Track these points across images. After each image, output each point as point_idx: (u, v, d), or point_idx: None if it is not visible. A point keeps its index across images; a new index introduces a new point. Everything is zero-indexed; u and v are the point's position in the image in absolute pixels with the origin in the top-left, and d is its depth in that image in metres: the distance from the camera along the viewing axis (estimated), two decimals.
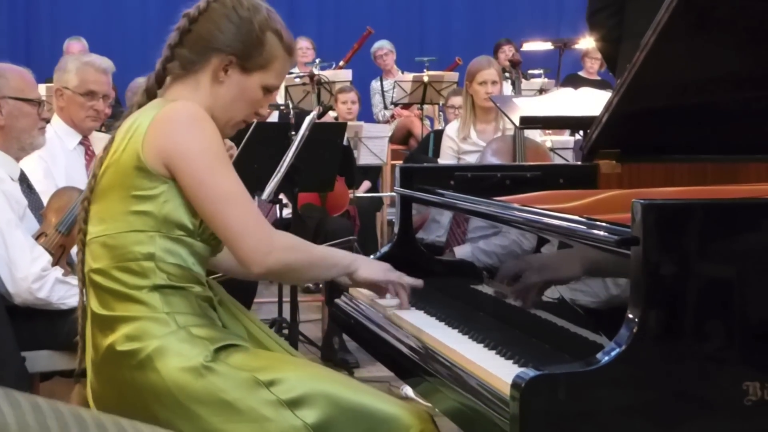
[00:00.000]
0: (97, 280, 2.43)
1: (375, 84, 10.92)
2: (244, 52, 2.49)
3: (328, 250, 2.77)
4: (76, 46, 10.07)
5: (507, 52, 10.26)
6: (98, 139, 4.45)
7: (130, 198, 2.39)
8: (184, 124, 2.39)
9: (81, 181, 4.16)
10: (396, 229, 3.18)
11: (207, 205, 2.37)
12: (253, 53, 2.50)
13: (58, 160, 4.32)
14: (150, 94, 2.54)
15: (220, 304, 2.54)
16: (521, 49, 9.98)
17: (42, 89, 7.24)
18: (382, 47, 11.12)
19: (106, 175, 2.43)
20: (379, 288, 2.72)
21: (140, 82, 5.95)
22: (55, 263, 3.70)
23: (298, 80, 8.77)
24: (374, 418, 2.31)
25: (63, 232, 3.79)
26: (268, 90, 2.56)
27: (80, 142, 4.41)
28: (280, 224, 5.68)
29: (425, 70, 9.79)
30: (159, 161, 2.36)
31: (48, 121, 3.98)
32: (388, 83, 10.70)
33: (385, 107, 10.54)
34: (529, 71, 9.94)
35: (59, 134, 4.37)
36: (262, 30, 2.51)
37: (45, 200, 3.93)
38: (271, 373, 2.31)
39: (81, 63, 4.40)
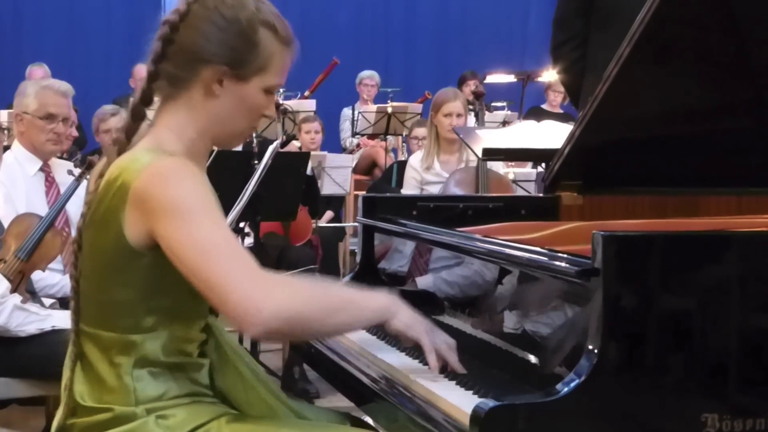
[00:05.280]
0: (84, 346, 2.24)
1: (347, 111, 10.93)
2: (237, 59, 2.20)
3: (354, 290, 2.29)
4: (38, 72, 10.02)
5: (471, 85, 10.30)
6: (58, 166, 4.43)
7: (109, 266, 2.18)
8: (162, 184, 2.09)
9: (41, 208, 4.14)
10: (358, 259, 3.17)
11: (186, 264, 2.06)
12: (246, 58, 2.20)
13: (18, 185, 4.29)
14: (136, 115, 2.24)
15: (216, 349, 2.31)
16: (485, 81, 10.03)
17: (3, 115, 7.25)
18: (372, 77, 11.15)
19: (90, 229, 2.20)
20: (406, 339, 2.30)
21: (107, 109, 5.97)
22: (13, 290, 3.67)
23: None
24: None
25: (22, 258, 3.76)
26: (270, 91, 2.27)
27: (41, 168, 4.37)
28: None
29: (389, 101, 9.81)
30: (141, 231, 2.11)
31: (8, 147, 3.95)
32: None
33: (353, 135, 10.55)
34: (493, 103, 9.98)
35: (19, 160, 4.34)
36: (253, 28, 2.21)
37: (5, 225, 3.89)
38: None
39: (40, 87, 4.39)
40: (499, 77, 10.32)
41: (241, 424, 2.24)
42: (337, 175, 7.62)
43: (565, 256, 2.07)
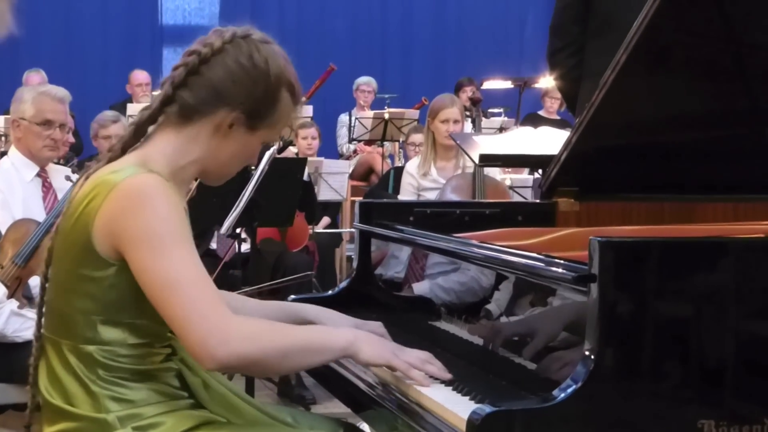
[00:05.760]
0: (47, 351, 2.25)
1: (344, 117, 10.93)
2: (255, 110, 2.24)
3: (315, 332, 2.33)
4: (35, 78, 10.01)
5: (468, 91, 10.31)
6: (55, 171, 4.43)
7: (75, 274, 2.18)
8: (134, 205, 2.12)
9: (38, 213, 4.14)
10: (355, 265, 3.17)
11: (153, 294, 2.10)
12: (264, 112, 2.26)
13: (15, 191, 4.29)
14: (138, 132, 2.28)
15: (182, 361, 2.30)
16: (482, 87, 10.03)
17: (0, 121, 7.25)
18: (369, 84, 11.15)
19: (61, 235, 2.23)
20: (379, 367, 2.36)
21: (108, 116, 5.95)
22: (10, 296, 3.67)
23: None
24: None
25: (19, 264, 3.76)
26: (266, 142, 2.37)
27: (37, 174, 4.37)
28: (239, 259, 5.66)
29: (386, 107, 9.81)
30: (108, 245, 2.13)
31: (5, 153, 3.95)
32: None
33: (350, 141, 10.54)
34: (490, 110, 9.99)
35: (16, 166, 4.34)
36: (278, 85, 2.26)
37: (2, 231, 3.89)
38: None
39: (37, 93, 4.38)
40: (496, 84, 10.33)
41: (219, 430, 2.26)
42: (334, 181, 7.62)
43: (562, 262, 2.08)
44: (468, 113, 6.49)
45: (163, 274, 2.08)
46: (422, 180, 5.99)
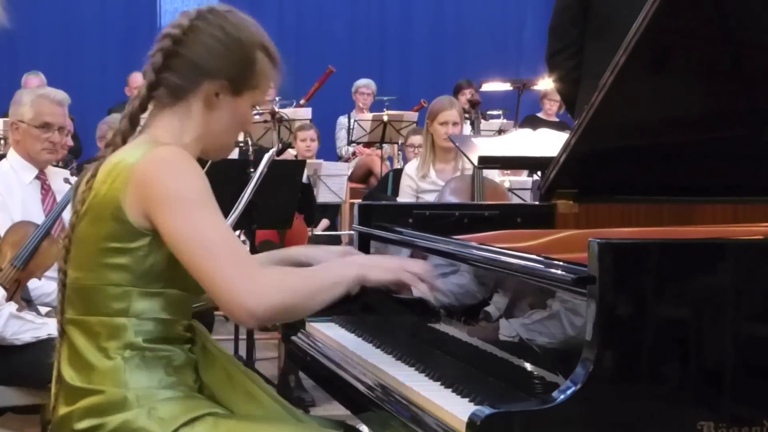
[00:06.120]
0: (70, 333, 2.31)
1: (343, 119, 10.93)
2: (236, 75, 2.36)
3: (327, 270, 2.42)
4: (33, 80, 10.01)
5: (467, 93, 10.31)
6: (54, 174, 4.42)
7: (106, 249, 2.25)
8: (164, 171, 2.22)
9: (37, 216, 4.13)
10: None
11: (186, 256, 2.18)
12: (244, 75, 2.37)
13: (14, 194, 4.28)
14: (133, 121, 2.37)
15: (202, 349, 2.39)
16: (480, 90, 10.04)
17: None
18: (368, 86, 11.15)
19: (85, 218, 2.28)
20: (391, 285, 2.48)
21: (117, 118, 5.94)
22: (9, 298, 3.67)
23: (258, 117, 8.77)
24: None
25: (18, 266, 3.76)
26: (255, 106, 2.47)
27: (36, 177, 4.36)
28: None
29: (385, 110, 9.81)
30: (140, 213, 2.21)
31: (3, 155, 3.95)
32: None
33: (349, 143, 10.55)
34: (489, 112, 9.99)
35: (15, 168, 4.33)
36: (252, 48, 2.38)
37: (1, 234, 3.89)
38: None
39: (36, 96, 4.37)
40: (495, 86, 10.34)
41: (237, 422, 2.31)
42: (332, 184, 7.62)
43: (561, 263, 2.07)
44: (467, 115, 6.49)
45: (196, 235, 2.18)
46: (421, 182, 5.99)
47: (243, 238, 5.65)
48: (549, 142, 3.61)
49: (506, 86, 10.32)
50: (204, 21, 2.35)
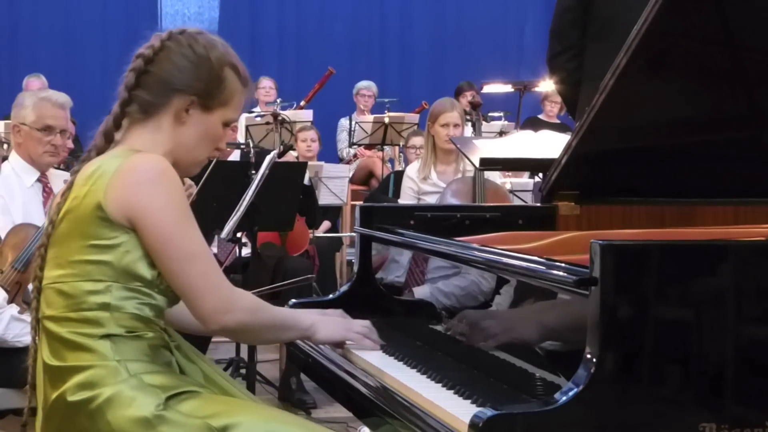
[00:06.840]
0: (49, 328, 2.37)
1: (344, 121, 10.92)
2: (205, 91, 2.46)
3: (289, 312, 2.73)
4: (35, 83, 10.01)
5: (468, 95, 10.31)
6: (56, 176, 4.42)
7: (88, 247, 2.33)
8: (150, 179, 2.32)
9: (38, 218, 4.13)
10: (355, 269, 3.17)
11: (170, 263, 2.33)
12: (213, 91, 2.46)
13: (15, 196, 4.28)
14: (108, 137, 2.48)
15: (178, 349, 2.48)
16: (482, 91, 10.03)
17: (0, 126, 7.25)
18: (369, 88, 11.14)
19: (65, 221, 2.37)
20: (333, 345, 2.73)
21: None
22: (10, 300, 3.67)
23: (259, 119, 8.77)
24: None
25: (19, 269, 3.76)
26: (227, 124, 2.54)
27: (38, 179, 4.37)
28: (239, 263, 5.67)
29: (386, 112, 9.80)
30: (121, 213, 2.31)
31: (5, 158, 3.95)
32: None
33: (350, 145, 10.55)
34: (490, 113, 9.99)
35: (17, 171, 4.33)
36: (221, 66, 2.48)
37: (2, 236, 3.89)
38: (224, 419, 2.26)
39: (38, 98, 4.37)
40: (496, 87, 10.34)
41: (227, 400, 2.42)
42: (334, 185, 7.61)
43: (563, 265, 2.08)
44: (468, 117, 6.49)
45: (183, 247, 2.33)
46: (422, 184, 5.98)
47: (244, 239, 5.64)
48: (550, 144, 3.61)
49: (507, 88, 10.31)
50: (174, 41, 2.48)
